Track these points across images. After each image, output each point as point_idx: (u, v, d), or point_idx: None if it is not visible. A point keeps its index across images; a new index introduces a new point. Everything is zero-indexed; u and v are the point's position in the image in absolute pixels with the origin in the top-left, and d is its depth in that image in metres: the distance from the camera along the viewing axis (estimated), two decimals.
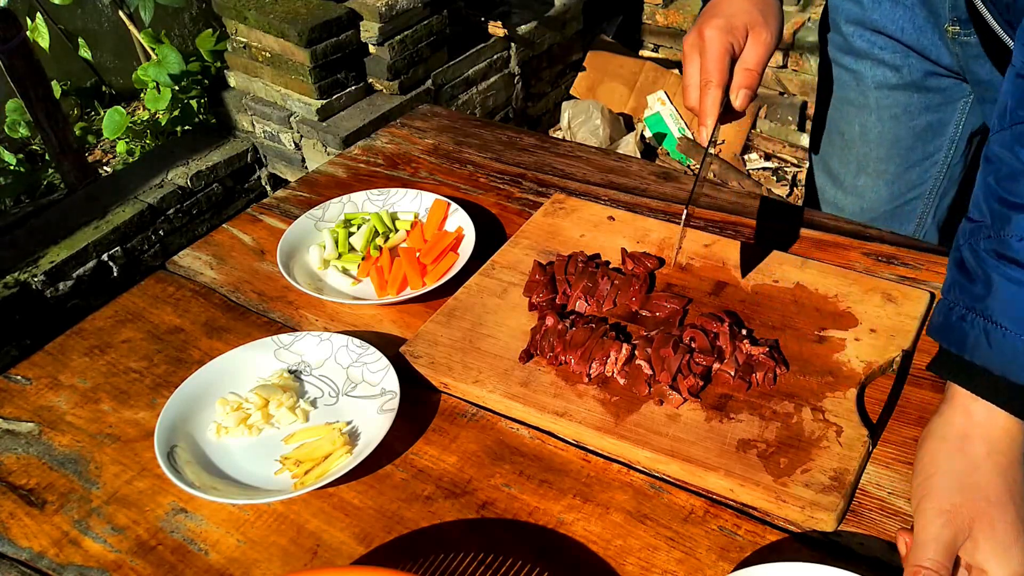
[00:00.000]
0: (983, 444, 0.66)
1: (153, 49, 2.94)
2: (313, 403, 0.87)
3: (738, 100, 0.85)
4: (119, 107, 2.95)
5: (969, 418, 0.67)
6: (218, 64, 3.02)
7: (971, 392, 0.67)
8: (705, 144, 0.84)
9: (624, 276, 0.95)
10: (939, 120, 1.13)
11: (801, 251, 1.01)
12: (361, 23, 2.58)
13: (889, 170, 1.19)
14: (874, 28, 1.08)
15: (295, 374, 0.90)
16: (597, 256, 1.00)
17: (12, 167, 2.89)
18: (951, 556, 0.63)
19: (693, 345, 0.85)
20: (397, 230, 1.08)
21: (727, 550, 0.72)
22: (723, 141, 3.35)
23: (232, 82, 2.81)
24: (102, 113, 3.00)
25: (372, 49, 2.64)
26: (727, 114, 0.86)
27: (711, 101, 0.84)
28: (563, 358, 0.85)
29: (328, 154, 2.61)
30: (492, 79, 3.00)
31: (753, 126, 3.14)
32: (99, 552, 0.75)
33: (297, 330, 0.96)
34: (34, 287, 2.30)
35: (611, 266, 0.99)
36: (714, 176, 2.99)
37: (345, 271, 1.04)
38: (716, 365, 0.83)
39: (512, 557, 0.72)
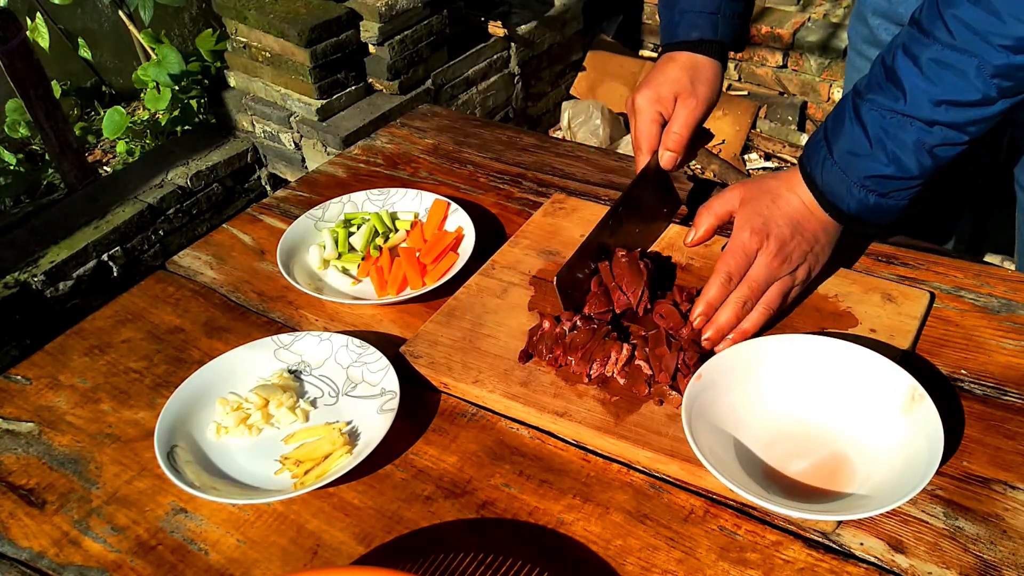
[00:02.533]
0: (815, 220, 0.86)
1: (153, 49, 2.94)
2: (313, 403, 0.87)
3: (663, 161, 0.98)
4: (119, 107, 2.95)
5: (806, 196, 0.86)
6: (218, 64, 3.02)
7: (806, 182, 0.85)
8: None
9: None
10: None
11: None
12: (361, 23, 2.58)
13: None
14: (899, 21, 1.09)
15: (295, 374, 0.90)
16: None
17: (12, 167, 2.89)
18: (747, 266, 0.85)
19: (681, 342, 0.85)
20: (397, 230, 1.08)
21: (727, 550, 0.72)
22: (723, 141, 3.36)
23: (232, 82, 2.81)
24: (102, 113, 3.00)
25: (372, 49, 2.64)
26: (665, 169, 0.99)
27: (641, 166, 0.98)
28: (563, 360, 0.85)
29: (328, 154, 2.61)
30: (492, 79, 3.00)
31: (753, 126, 3.14)
32: (99, 552, 0.75)
33: (297, 330, 0.96)
34: (34, 287, 2.30)
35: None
36: (714, 176, 2.99)
37: (345, 271, 1.04)
38: None
39: (512, 557, 0.72)
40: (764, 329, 0.86)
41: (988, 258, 1.38)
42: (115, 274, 2.49)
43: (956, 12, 0.72)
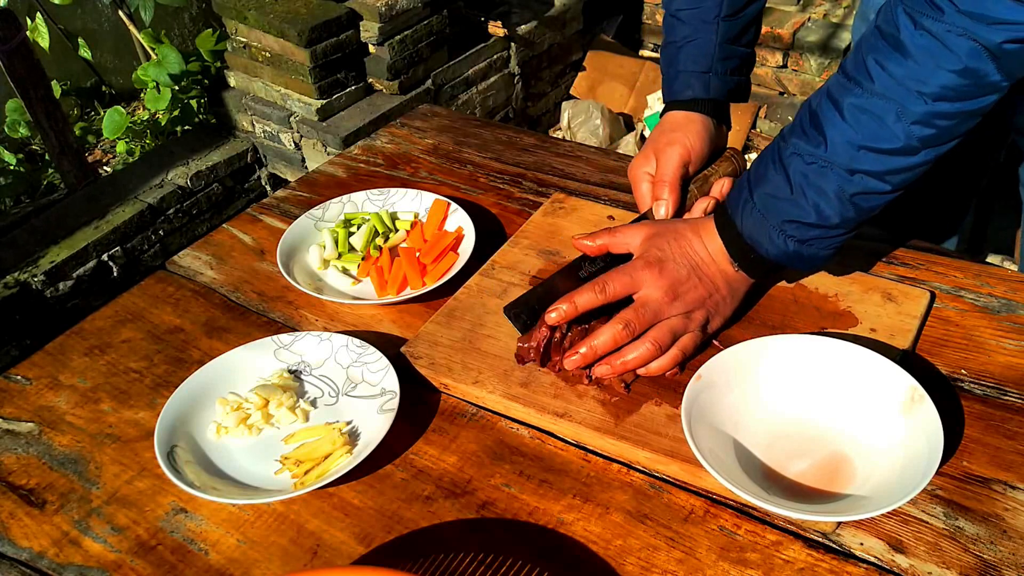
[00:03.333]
0: (722, 274, 0.85)
1: (153, 49, 2.94)
2: (313, 403, 0.87)
3: (656, 211, 0.96)
4: (119, 107, 2.95)
5: (714, 243, 0.85)
6: (218, 64, 3.02)
7: (719, 231, 0.84)
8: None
9: None
10: None
11: None
12: (361, 23, 2.58)
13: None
14: None
15: (295, 374, 0.90)
16: None
17: (12, 167, 2.89)
18: (629, 291, 0.84)
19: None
20: (397, 230, 1.08)
21: (727, 550, 0.72)
22: None
23: (232, 82, 2.81)
24: (102, 113, 3.00)
25: (372, 49, 2.65)
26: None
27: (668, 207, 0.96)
28: (559, 366, 0.85)
29: (328, 154, 2.61)
30: (492, 79, 3.00)
31: (753, 126, 3.14)
32: (99, 552, 0.75)
33: (297, 330, 0.96)
34: (34, 287, 2.30)
35: None
36: None
37: (345, 271, 1.04)
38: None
39: (512, 557, 0.72)
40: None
41: (988, 258, 1.38)
42: (115, 274, 2.49)
43: (879, 58, 0.72)
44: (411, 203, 1.12)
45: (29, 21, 2.85)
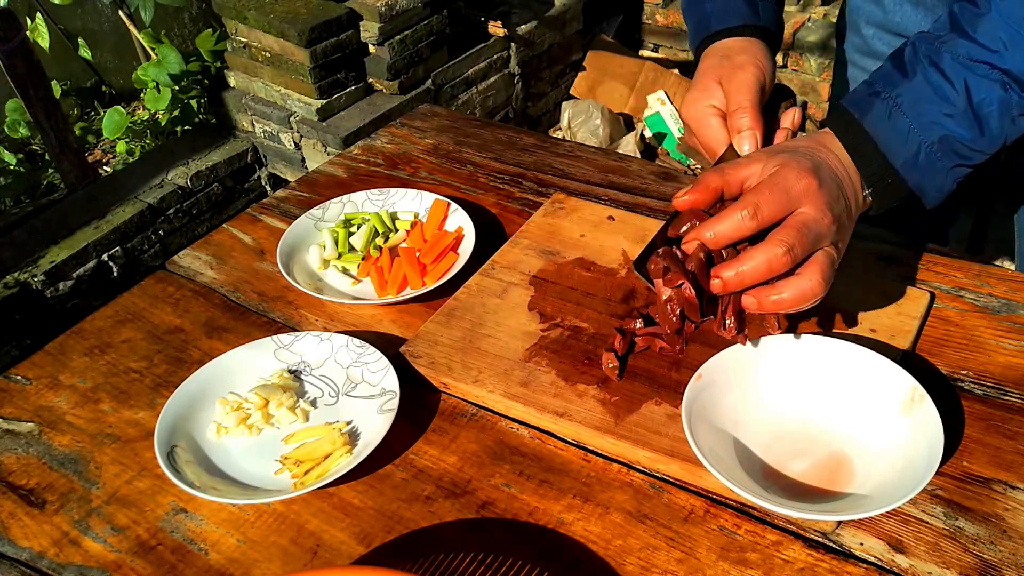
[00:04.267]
0: (848, 182, 0.73)
1: (153, 49, 2.94)
2: (313, 403, 0.87)
3: (745, 147, 0.81)
4: (119, 107, 2.95)
5: (843, 162, 0.74)
6: (218, 64, 3.01)
7: (848, 149, 0.74)
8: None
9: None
10: None
11: None
12: (361, 23, 2.58)
13: None
14: (895, 31, 1.08)
15: (295, 374, 0.90)
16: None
17: (12, 167, 2.89)
18: (784, 212, 0.69)
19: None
20: (397, 230, 1.08)
21: (727, 550, 0.72)
22: None
23: (232, 82, 2.81)
24: (102, 113, 3.00)
25: (372, 49, 2.65)
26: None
27: (749, 130, 0.81)
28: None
29: (328, 154, 2.61)
30: (492, 79, 3.00)
31: None
32: (99, 552, 0.75)
33: (297, 330, 0.96)
34: (34, 287, 2.30)
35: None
36: None
37: (345, 271, 1.04)
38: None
39: (512, 557, 0.72)
40: (793, 328, 0.78)
41: (988, 258, 1.38)
42: (115, 274, 2.49)
43: None
44: (411, 203, 1.12)
45: (29, 21, 2.85)
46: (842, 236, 0.72)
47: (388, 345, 0.90)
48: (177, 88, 2.92)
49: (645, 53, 3.54)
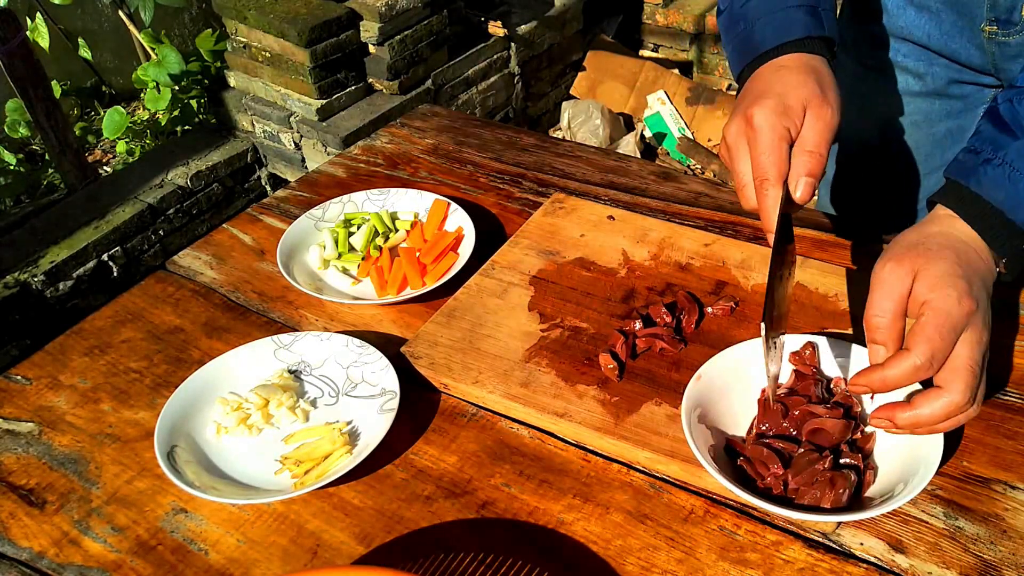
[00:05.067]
0: (953, 245, 0.69)
1: (153, 49, 2.94)
2: (313, 403, 0.87)
3: (799, 191, 0.73)
4: (119, 107, 2.95)
5: (964, 240, 0.70)
6: (218, 64, 3.02)
7: (971, 223, 0.70)
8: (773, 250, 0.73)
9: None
10: (959, 127, 1.12)
11: (801, 251, 1.01)
12: (361, 23, 2.58)
13: (907, 177, 1.18)
14: (899, 35, 1.07)
15: (295, 374, 0.90)
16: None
17: (12, 167, 2.89)
18: (902, 303, 0.67)
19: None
20: (397, 230, 1.08)
21: (727, 550, 0.72)
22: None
23: (232, 82, 2.81)
24: (102, 113, 3.00)
25: (372, 49, 2.65)
26: (789, 205, 0.74)
27: (771, 202, 0.72)
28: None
29: (328, 154, 2.61)
30: (492, 79, 3.00)
31: None
32: (99, 552, 0.75)
33: (297, 330, 0.96)
34: (34, 287, 2.30)
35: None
36: (714, 176, 2.98)
37: (345, 271, 1.04)
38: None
39: (512, 557, 0.72)
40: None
41: None
42: (115, 274, 2.49)
43: None
44: (411, 203, 1.12)
45: (29, 21, 2.85)
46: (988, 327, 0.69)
47: (388, 345, 0.90)
48: (177, 88, 2.92)
49: (645, 53, 3.54)
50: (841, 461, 0.72)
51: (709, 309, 0.92)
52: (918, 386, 0.71)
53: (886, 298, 0.67)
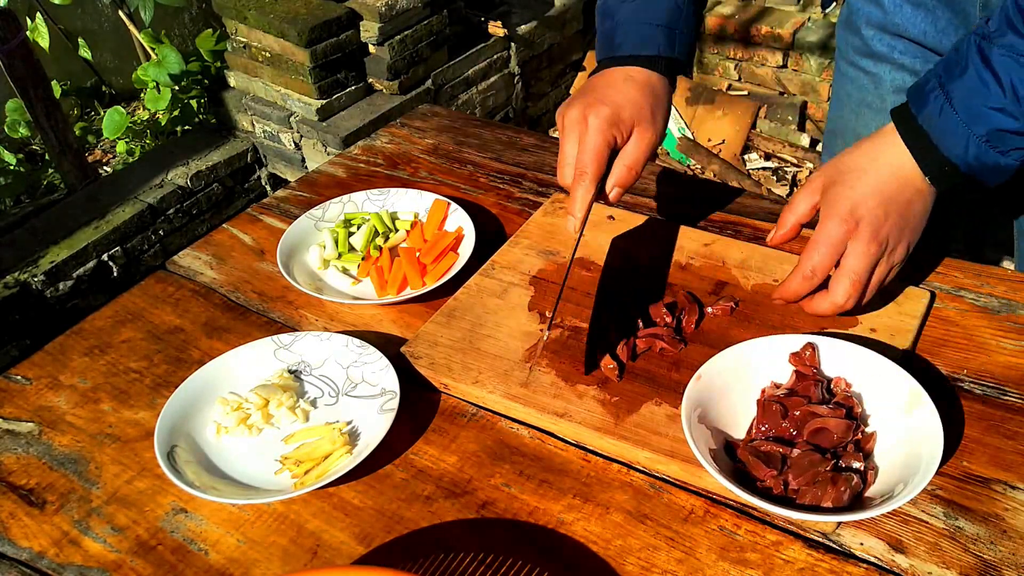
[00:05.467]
0: (914, 192, 0.79)
1: (153, 49, 2.94)
2: (313, 403, 0.87)
3: (612, 194, 0.87)
4: (119, 107, 2.95)
5: (899, 162, 0.79)
6: (218, 64, 3.02)
7: (906, 142, 0.78)
8: (576, 234, 0.86)
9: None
10: None
11: (801, 251, 1.01)
12: (361, 23, 2.58)
13: None
14: (895, 32, 1.08)
15: (295, 374, 0.90)
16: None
17: (12, 167, 2.89)
18: (803, 219, 0.83)
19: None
20: (397, 230, 1.08)
21: (727, 550, 0.72)
22: (723, 141, 3.35)
23: (232, 82, 2.81)
24: (102, 113, 3.00)
25: (372, 49, 2.65)
26: (598, 198, 0.87)
27: (582, 193, 0.84)
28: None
29: (328, 154, 2.61)
30: (492, 79, 3.00)
31: (753, 126, 3.14)
32: (99, 552, 0.75)
33: (297, 330, 0.96)
34: (34, 287, 2.30)
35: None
36: (714, 176, 2.98)
37: (345, 271, 1.04)
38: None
39: (512, 557, 0.72)
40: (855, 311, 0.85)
41: (988, 258, 1.38)
42: (115, 274, 2.49)
43: None
44: (411, 203, 1.12)
45: (29, 21, 2.86)
46: (907, 228, 0.79)
47: (388, 345, 0.90)
48: (177, 88, 2.92)
49: None
50: (842, 464, 0.72)
51: (709, 309, 0.92)
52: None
53: (791, 213, 0.84)
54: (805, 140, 3.09)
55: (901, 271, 0.83)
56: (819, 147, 3.04)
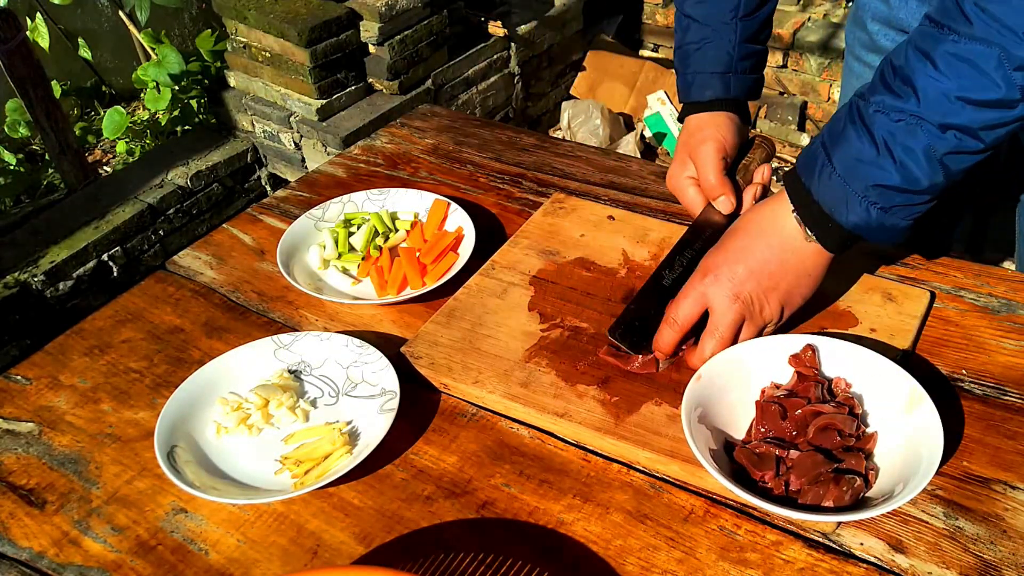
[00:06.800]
0: (791, 254, 0.81)
1: (153, 49, 2.94)
2: (313, 403, 0.87)
3: (718, 206, 0.95)
4: (119, 107, 2.95)
5: (785, 228, 0.81)
6: (218, 64, 3.02)
7: (791, 200, 0.80)
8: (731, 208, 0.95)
9: None
10: None
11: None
12: (361, 23, 2.58)
13: None
14: (900, 27, 1.08)
15: (295, 374, 0.90)
16: None
17: (12, 167, 2.89)
18: (734, 331, 0.82)
19: None
20: (397, 230, 1.08)
21: (727, 550, 0.72)
22: None
23: (232, 82, 2.81)
24: (102, 113, 3.00)
25: (372, 49, 2.65)
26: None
27: (724, 206, 0.95)
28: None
29: (328, 154, 2.61)
30: (492, 79, 3.00)
31: (753, 126, 3.14)
32: (99, 552, 0.75)
33: (297, 330, 0.96)
34: (34, 287, 2.30)
35: None
36: None
37: (345, 271, 1.04)
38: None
39: (512, 557, 0.72)
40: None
41: (988, 258, 1.38)
42: (115, 274, 2.49)
43: (978, 2, 0.67)
44: (411, 203, 1.12)
45: (29, 21, 2.85)
46: (790, 294, 0.83)
47: (388, 345, 0.90)
48: (177, 88, 2.92)
49: (645, 53, 3.54)
50: (842, 465, 0.72)
51: None
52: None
53: (728, 329, 0.83)
54: (805, 140, 3.09)
55: (783, 327, 0.85)
56: None
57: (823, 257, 0.82)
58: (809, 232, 0.80)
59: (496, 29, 2.94)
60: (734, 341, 0.82)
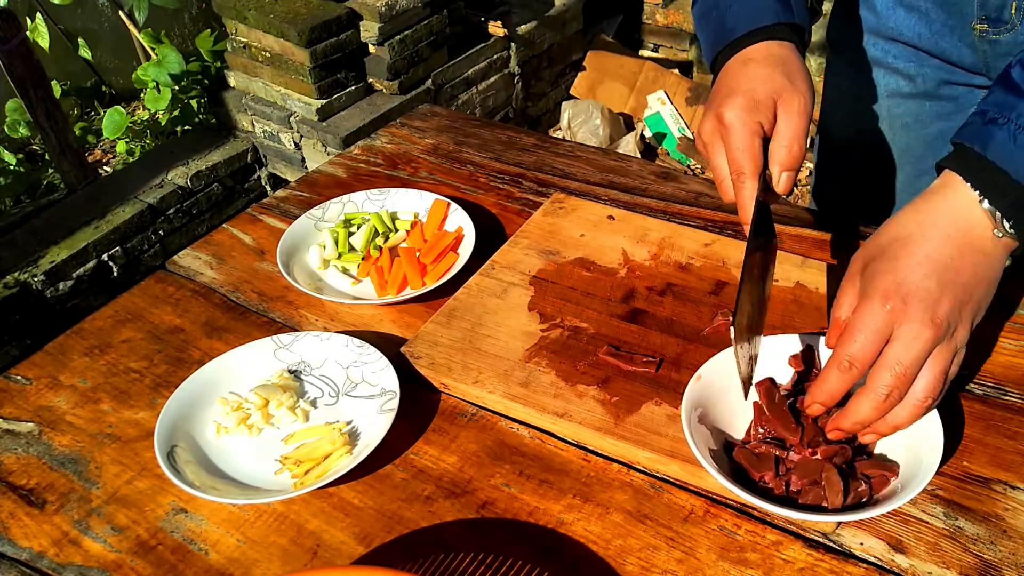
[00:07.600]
0: (982, 256, 0.66)
1: (153, 49, 2.94)
2: (313, 403, 0.87)
3: (781, 184, 0.76)
4: (119, 107, 2.95)
5: (961, 218, 0.66)
6: (218, 64, 3.02)
7: (976, 187, 0.65)
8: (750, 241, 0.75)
9: None
10: (950, 128, 1.11)
11: (801, 250, 1.01)
12: (361, 23, 2.58)
13: (899, 179, 1.18)
14: (889, 36, 1.07)
15: (295, 374, 0.90)
16: None
17: (12, 167, 2.89)
18: (880, 346, 0.65)
19: None
20: (397, 230, 1.08)
21: (727, 550, 0.72)
22: None
23: (232, 82, 2.81)
24: (102, 113, 3.00)
25: (372, 49, 2.65)
26: (768, 196, 0.77)
27: (748, 195, 0.75)
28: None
29: (328, 154, 2.61)
30: (492, 79, 3.00)
31: None
32: (99, 552, 0.75)
33: (297, 330, 0.96)
34: (34, 287, 2.30)
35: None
36: None
37: (345, 271, 1.04)
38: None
39: (512, 557, 0.72)
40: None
41: None
42: (115, 274, 2.49)
43: None
44: (411, 203, 1.12)
45: (29, 21, 2.86)
46: (971, 302, 0.66)
47: (388, 345, 0.90)
48: (177, 88, 2.92)
49: (645, 53, 3.54)
50: (843, 466, 0.72)
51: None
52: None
53: (837, 310, 0.69)
54: None
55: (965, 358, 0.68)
56: None
57: (1007, 251, 0.67)
58: (1007, 223, 0.65)
59: (496, 29, 2.94)
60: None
